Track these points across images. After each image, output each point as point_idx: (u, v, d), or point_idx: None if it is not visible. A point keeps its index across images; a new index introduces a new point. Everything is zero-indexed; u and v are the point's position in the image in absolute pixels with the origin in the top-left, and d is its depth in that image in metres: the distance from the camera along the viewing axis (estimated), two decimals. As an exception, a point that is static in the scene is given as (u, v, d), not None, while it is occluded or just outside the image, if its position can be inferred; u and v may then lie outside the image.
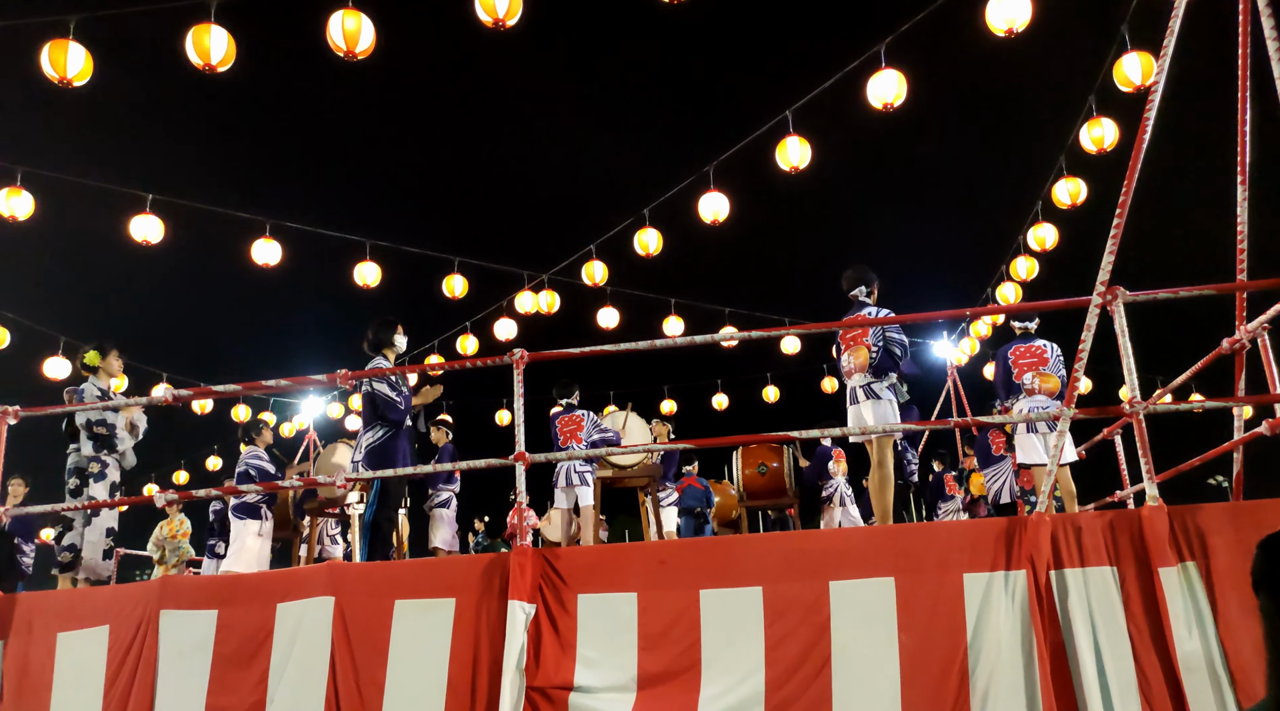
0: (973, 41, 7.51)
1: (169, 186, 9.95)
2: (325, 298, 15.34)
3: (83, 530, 6.25)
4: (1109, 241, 4.47)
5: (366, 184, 15.71)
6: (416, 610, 4.55)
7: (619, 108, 14.20)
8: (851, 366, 6.10)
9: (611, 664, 4.26)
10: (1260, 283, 4.78)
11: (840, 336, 6.39)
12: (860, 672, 3.99)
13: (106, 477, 6.38)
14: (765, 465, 10.67)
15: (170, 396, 5.77)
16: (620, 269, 12.16)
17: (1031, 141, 11.00)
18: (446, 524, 9.50)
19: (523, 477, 4.81)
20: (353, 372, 5.47)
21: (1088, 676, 3.75)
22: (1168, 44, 4.74)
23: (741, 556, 4.42)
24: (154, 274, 13.90)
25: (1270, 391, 5.04)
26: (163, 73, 9.66)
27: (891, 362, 6.06)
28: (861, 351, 6.01)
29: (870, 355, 6.01)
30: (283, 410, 16.80)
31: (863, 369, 6.03)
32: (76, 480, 6.32)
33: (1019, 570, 3.99)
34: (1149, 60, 7.55)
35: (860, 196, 14.53)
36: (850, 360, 6.10)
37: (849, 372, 6.17)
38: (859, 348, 6.04)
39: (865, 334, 6.09)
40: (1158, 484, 4.26)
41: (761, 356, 16.67)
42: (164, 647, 4.84)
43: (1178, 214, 12.05)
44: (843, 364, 6.25)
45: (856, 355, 6.03)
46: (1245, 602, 3.81)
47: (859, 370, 6.05)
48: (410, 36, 11.06)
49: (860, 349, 6.02)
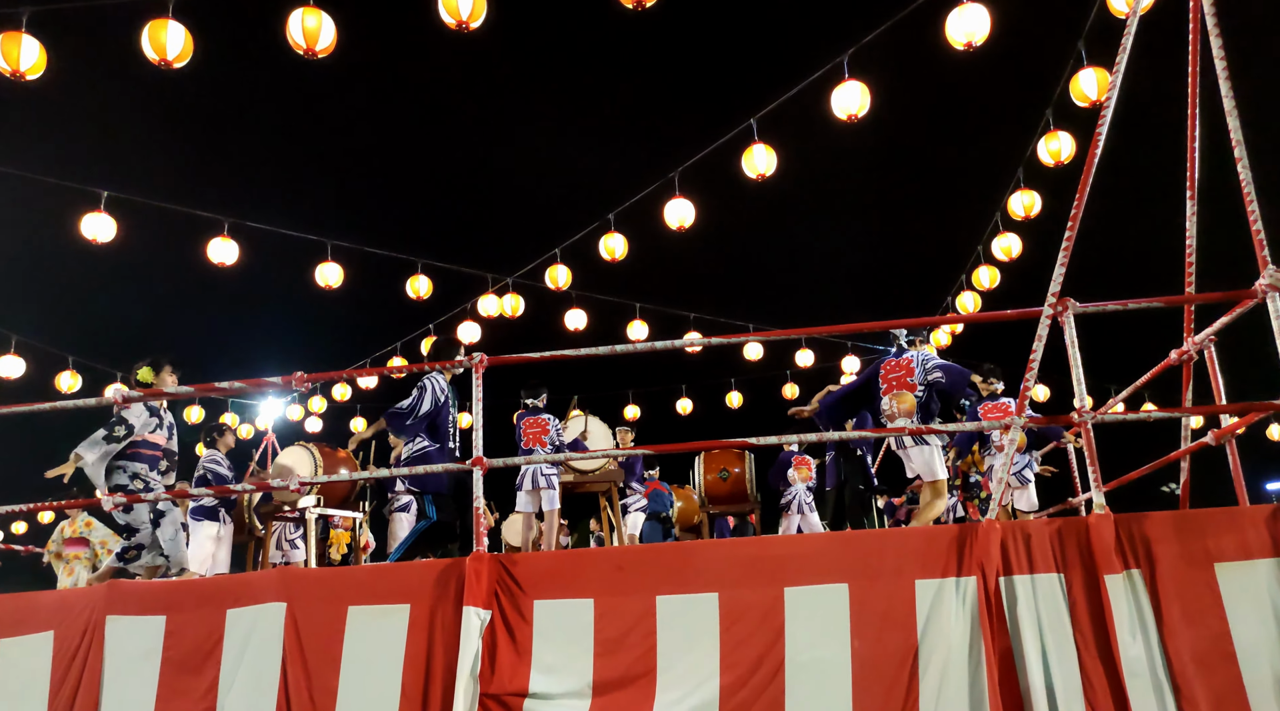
0: (934, 54, 7.63)
1: (124, 183, 9.77)
2: (285, 298, 15.12)
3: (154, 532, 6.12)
4: (1060, 253, 4.55)
5: (328, 183, 15.53)
6: (370, 616, 4.50)
7: (585, 112, 14.19)
8: (895, 411, 6.08)
9: (567, 670, 4.25)
10: (1207, 296, 4.90)
11: (881, 377, 6.37)
12: (813, 678, 4.02)
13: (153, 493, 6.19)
14: (727, 470, 10.75)
15: (120, 398, 5.66)
16: (585, 273, 12.15)
17: (992, 153, 11.18)
18: (406, 528, 9.41)
19: (479, 483, 4.78)
20: (310, 375, 5.40)
21: (1035, 681, 3.80)
22: (1121, 61, 4.85)
23: (698, 562, 4.43)
24: (106, 272, 13.63)
25: (1215, 402, 5.16)
26: (119, 67, 9.47)
27: (938, 404, 6.13)
28: (907, 396, 6.05)
29: (917, 397, 6.04)
30: (242, 412, 16.55)
31: (909, 414, 6.02)
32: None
33: (969, 576, 4.04)
34: (1104, 76, 7.71)
35: (824, 204, 14.66)
36: (894, 404, 6.09)
37: (891, 417, 6.12)
38: (904, 392, 6.07)
39: (910, 375, 6.14)
40: (1110, 491, 4.34)
41: (725, 362, 16.76)
42: (110, 654, 4.74)
43: (1131, 227, 12.31)
44: (884, 407, 6.20)
45: (902, 400, 6.05)
46: (1188, 610, 3.90)
47: (904, 415, 6.03)
48: (372, 36, 10.96)
49: (905, 394, 6.06)
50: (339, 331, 17.07)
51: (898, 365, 6.31)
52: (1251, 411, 4.87)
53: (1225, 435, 5.07)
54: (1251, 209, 4.46)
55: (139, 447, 6.16)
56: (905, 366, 6.26)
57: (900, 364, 6.30)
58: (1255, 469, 20.05)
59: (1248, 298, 4.49)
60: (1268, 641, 3.82)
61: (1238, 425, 5.10)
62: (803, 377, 15.97)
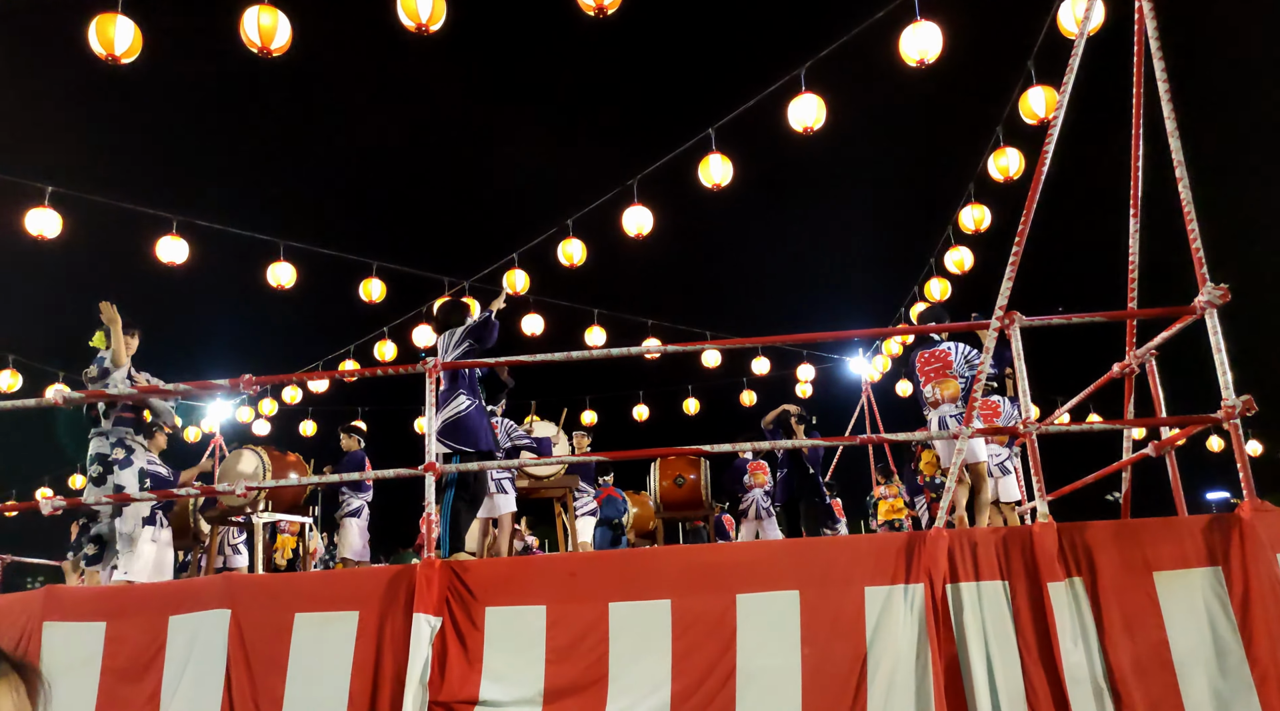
0: (888, 70, 7.75)
1: (69, 179, 9.53)
2: (236, 299, 14.87)
3: (112, 521, 6.03)
4: (1008, 267, 4.65)
5: (281, 183, 15.32)
6: (318, 623, 4.43)
7: (544, 117, 14.20)
8: (940, 398, 6.63)
9: (518, 678, 4.22)
10: (1148, 311, 5.04)
11: (919, 369, 6.83)
12: (764, 684, 4.04)
13: (134, 463, 6.14)
14: (683, 477, 10.75)
15: (60, 399, 5.51)
16: (543, 278, 12.12)
17: (944, 168, 11.40)
18: (357, 533, 9.28)
19: (432, 488, 4.74)
20: (259, 378, 5.31)
21: (979, 687, 3.87)
22: (1068, 80, 4.98)
23: (651, 569, 4.44)
24: (50, 270, 13.28)
25: (1156, 414, 5.30)
26: (66, 61, 9.25)
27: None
28: (951, 384, 6.60)
29: (960, 386, 6.57)
30: (189, 414, 16.22)
31: (953, 399, 6.57)
32: (99, 468, 6.05)
33: (917, 583, 4.10)
34: (1052, 94, 7.90)
35: (780, 214, 14.84)
36: (937, 391, 6.64)
37: (935, 403, 6.66)
38: (948, 380, 6.61)
39: (950, 366, 6.66)
40: (1054, 501, 4.44)
41: (682, 368, 16.84)
42: (47, 662, 4.60)
43: (1078, 241, 12.63)
44: (928, 394, 6.73)
45: (945, 387, 6.60)
46: (1127, 617, 4.00)
47: (949, 401, 6.58)
48: (330, 36, 10.85)
49: (950, 381, 6.61)
50: (290, 333, 16.85)
51: (934, 356, 6.79)
52: (1191, 424, 5.01)
53: (1165, 447, 5.20)
54: (1191, 227, 4.60)
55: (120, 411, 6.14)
56: (942, 358, 6.75)
57: (936, 355, 6.79)
58: (1194, 479, 20.64)
59: (1187, 314, 4.62)
60: (1203, 649, 3.93)
61: (1178, 437, 5.24)
62: (760, 384, 16.11)
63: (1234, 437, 4.39)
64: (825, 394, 15.92)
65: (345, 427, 9.86)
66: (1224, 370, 4.39)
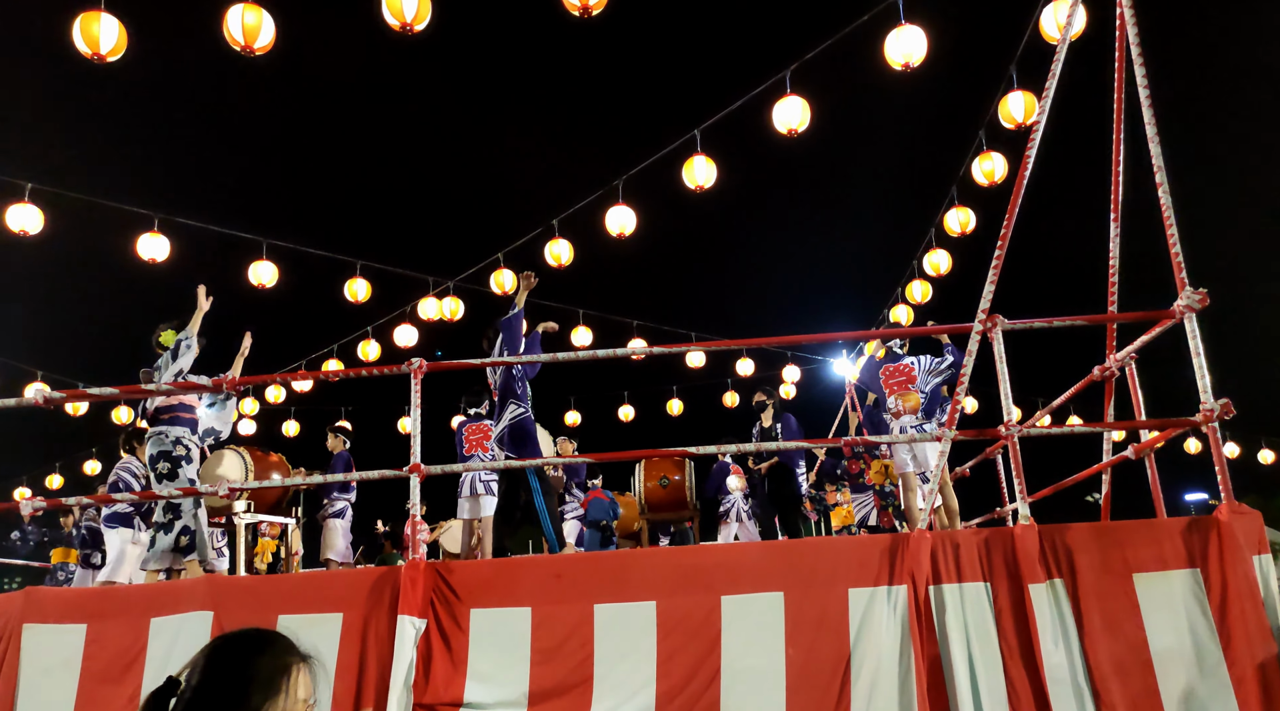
0: (873, 74, 7.79)
1: (50, 176, 9.43)
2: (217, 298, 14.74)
3: (195, 511, 6.04)
4: (990, 271, 4.69)
5: (265, 181, 15.23)
6: (301, 625, 4.40)
7: (531, 117, 14.18)
8: (902, 409, 6.98)
9: (503, 680, 4.22)
10: (1128, 315, 5.09)
11: (884, 381, 7.13)
12: (748, 685, 4.06)
13: (194, 460, 6.17)
14: (667, 478, 10.79)
15: (41, 399, 5.45)
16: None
17: (927, 171, 11.46)
18: (340, 534, 9.25)
19: (417, 490, 4.73)
20: (243, 378, 5.28)
21: (961, 687, 3.90)
22: (1050, 85, 5.02)
23: (636, 570, 4.45)
24: (31, 267, 13.15)
25: (1136, 417, 5.35)
26: (47, 57, 9.17)
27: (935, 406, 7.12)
28: (913, 396, 6.97)
29: (921, 399, 6.94)
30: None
31: (913, 411, 6.92)
32: (168, 464, 6.05)
33: (900, 585, 4.13)
34: (1032, 100, 7.96)
35: (764, 216, 14.90)
36: (900, 403, 7.01)
37: (897, 414, 7.02)
38: (910, 393, 6.99)
39: (913, 380, 7.00)
40: (1036, 502, 4.48)
41: (667, 369, 16.85)
42: (26, 664, 4.56)
43: (1060, 245, 12.73)
44: (890, 405, 7.11)
45: (907, 399, 6.97)
46: (1108, 618, 4.04)
47: (909, 413, 6.93)
48: (314, 35, 10.80)
49: (912, 394, 6.98)
50: (273, 332, 16.71)
51: (898, 370, 7.13)
52: (1170, 427, 5.07)
53: (1145, 449, 5.25)
54: (1171, 232, 4.65)
55: (177, 411, 6.16)
56: (906, 372, 7.10)
57: (900, 369, 7.12)
58: (1173, 481, 20.86)
59: (1166, 318, 4.67)
60: (1182, 650, 3.98)
61: (1157, 440, 5.30)
62: (743, 385, 16.14)
63: (1212, 440, 4.44)
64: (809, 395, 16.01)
65: (333, 428, 9.84)
66: (1203, 374, 4.44)
